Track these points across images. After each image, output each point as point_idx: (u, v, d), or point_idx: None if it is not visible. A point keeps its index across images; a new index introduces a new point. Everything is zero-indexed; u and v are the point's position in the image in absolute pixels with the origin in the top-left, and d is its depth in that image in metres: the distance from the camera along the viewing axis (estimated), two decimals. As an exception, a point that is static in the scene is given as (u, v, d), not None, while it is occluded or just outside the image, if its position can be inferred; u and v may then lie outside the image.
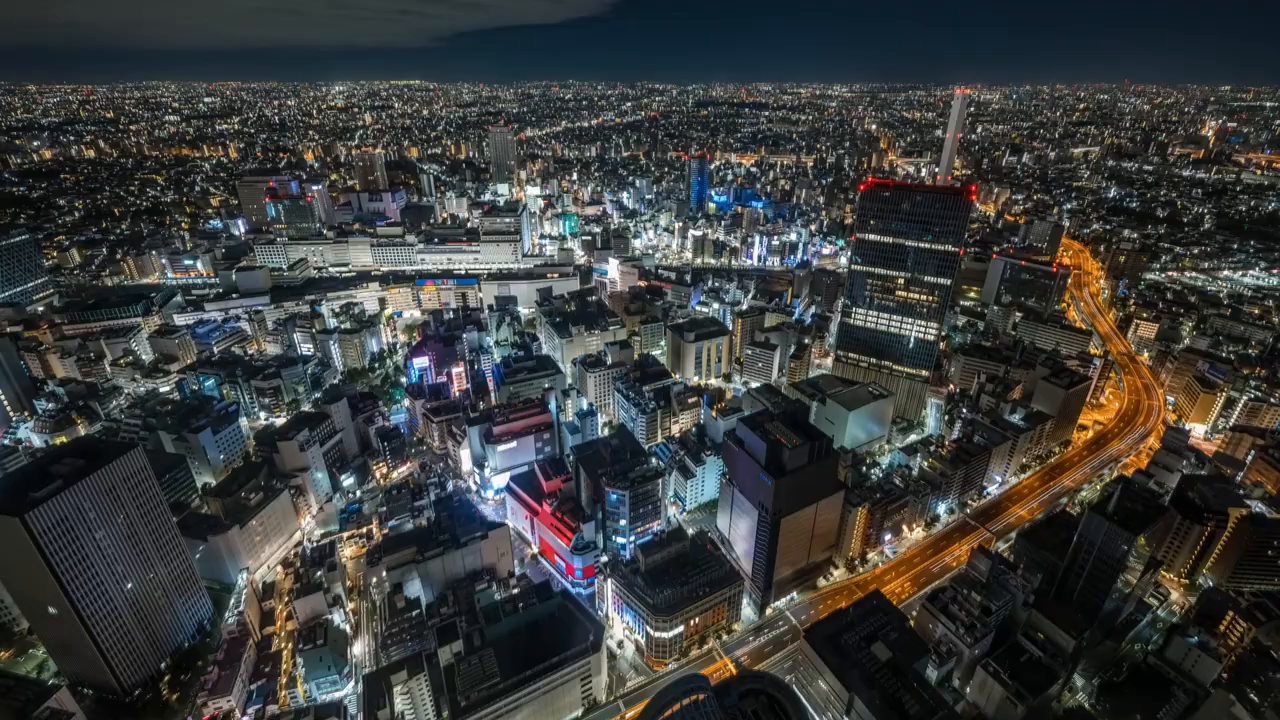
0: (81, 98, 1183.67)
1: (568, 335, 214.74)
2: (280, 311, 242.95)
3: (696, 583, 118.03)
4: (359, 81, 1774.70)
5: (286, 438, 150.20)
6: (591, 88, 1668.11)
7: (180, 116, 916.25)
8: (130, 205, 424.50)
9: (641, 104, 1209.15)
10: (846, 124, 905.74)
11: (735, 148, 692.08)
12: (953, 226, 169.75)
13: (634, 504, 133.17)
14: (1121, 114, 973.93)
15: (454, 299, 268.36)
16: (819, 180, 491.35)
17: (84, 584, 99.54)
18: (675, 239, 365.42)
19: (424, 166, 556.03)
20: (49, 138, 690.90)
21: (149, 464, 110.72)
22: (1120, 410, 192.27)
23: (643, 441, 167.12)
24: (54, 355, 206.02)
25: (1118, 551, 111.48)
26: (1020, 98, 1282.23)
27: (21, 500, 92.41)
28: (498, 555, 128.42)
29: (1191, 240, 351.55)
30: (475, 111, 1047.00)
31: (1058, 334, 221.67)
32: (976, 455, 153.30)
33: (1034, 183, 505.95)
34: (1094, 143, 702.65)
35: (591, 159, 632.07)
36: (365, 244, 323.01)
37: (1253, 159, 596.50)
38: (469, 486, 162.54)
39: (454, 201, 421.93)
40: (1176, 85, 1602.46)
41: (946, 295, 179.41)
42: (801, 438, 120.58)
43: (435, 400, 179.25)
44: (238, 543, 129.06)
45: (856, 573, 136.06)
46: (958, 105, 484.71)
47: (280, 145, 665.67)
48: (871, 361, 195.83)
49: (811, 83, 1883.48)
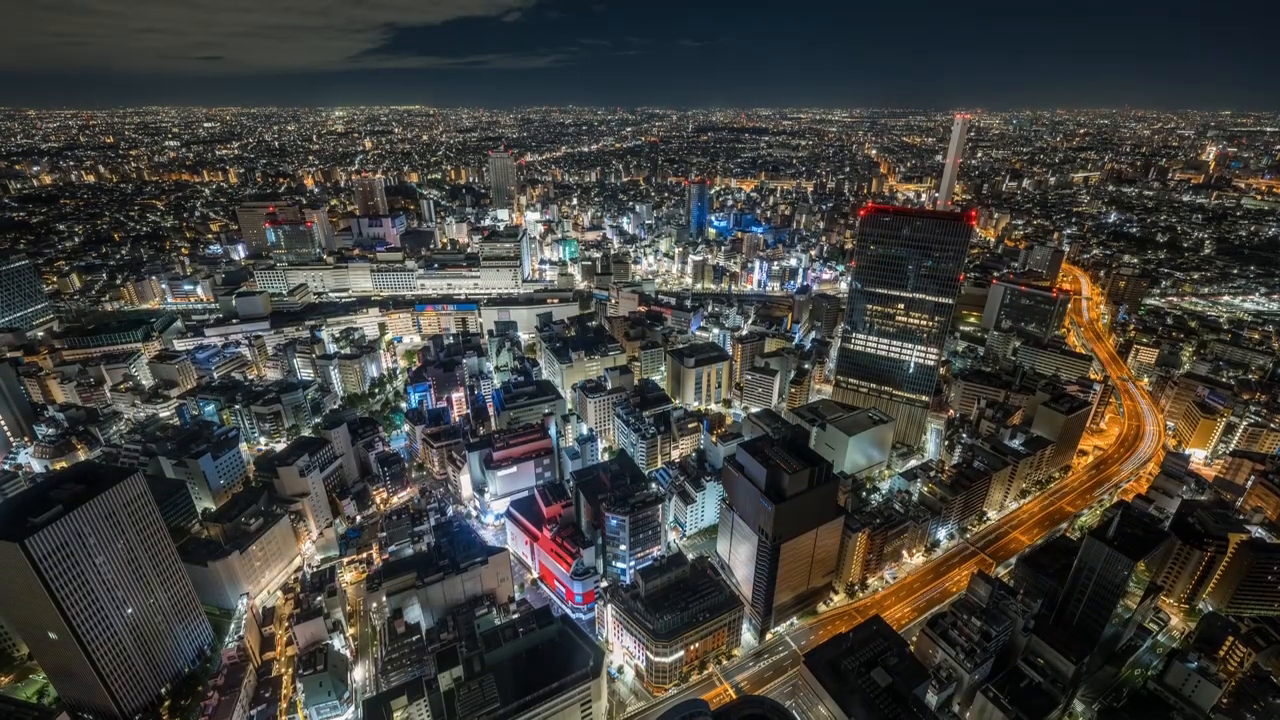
0: (81, 123, 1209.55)
1: (568, 360, 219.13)
2: (280, 337, 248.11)
3: (696, 608, 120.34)
4: (359, 106, 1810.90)
5: (286, 463, 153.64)
6: (591, 113, 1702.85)
7: (180, 142, 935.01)
8: (130, 230, 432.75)
9: (641, 129, 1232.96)
10: (846, 149, 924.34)
11: (735, 173, 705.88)
12: (953, 252, 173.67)
13: (634, 529, 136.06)
14: (1122, 139, 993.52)
15: (454, 324, 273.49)
16: (819, 205, 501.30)
17: (84, 609, 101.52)
18: (675, 264, 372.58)
19: (424, 192, 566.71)
20: (49, 163, 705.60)
21: (149, 489, 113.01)
22: (1120, 435, 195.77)
23: (643, 467, 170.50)
24: (54, 380, 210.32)
25: (1118, 577, 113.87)
26: (1020, 123, 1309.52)
27: (21, 526, 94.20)
28: (498, 580, 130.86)
29: (1191, 265, 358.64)
30: (475, 137, 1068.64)
31: (1058, 359, 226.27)
32: (976, 480, 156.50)
33: (1034, 208, 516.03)
34: (1094, 168, 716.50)
35: (591, 184, 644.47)
36: (365, 269, 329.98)
37: (1253, 184, 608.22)
38: (469, 512, 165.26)
39: (454, 227, 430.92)
40: (1176, 110, 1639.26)
41: (946, 320, 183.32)
42: (801, 463, 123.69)
43: (435, 425, 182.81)
44: (238, 568, 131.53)
45: (856, 598, 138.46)
46: (958, 130, 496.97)
47: (280, 170, 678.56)
48: (871, 387, 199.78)
49: (811, 108, 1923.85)
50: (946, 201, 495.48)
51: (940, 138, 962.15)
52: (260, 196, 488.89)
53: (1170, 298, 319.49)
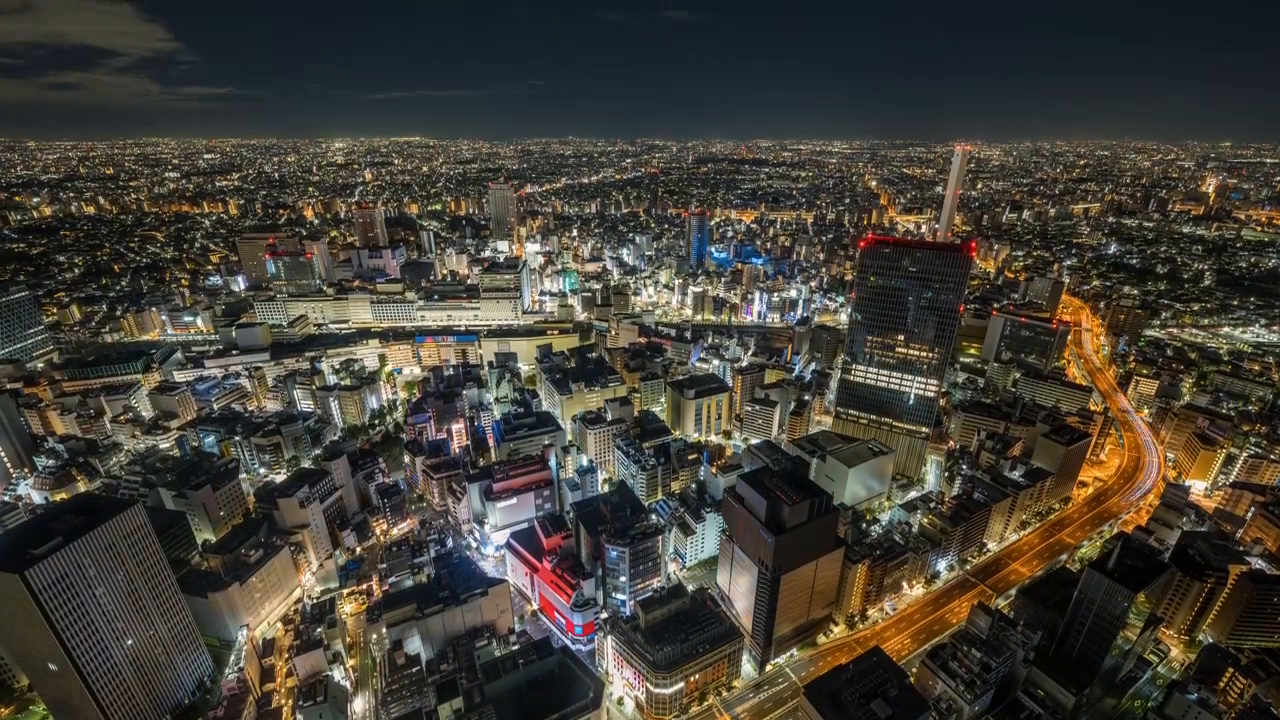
0: (81, 154, 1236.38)
1: (568, 392, 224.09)
2: (280, 368, 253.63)
3: (696, 639, 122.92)
4: (359, 138, 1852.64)
5: (286, 494, 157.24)
6: (592, 144, 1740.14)
7: (180, 173, 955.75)
8: (130, 262, 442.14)
9: (641, 160, 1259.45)
10: (846, 180, 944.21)
11: (735, 204, 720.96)
12: (953, 283, 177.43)
13: (634, 561, 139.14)
14: (1122, 170, 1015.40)
15: (454, 355, 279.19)
16: (819, 237, 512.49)
17: (84, 640, 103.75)
18: (675, 295, 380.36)
19: (424, 223, 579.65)
20: (49, 194, 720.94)
21: (149, 521, 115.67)
22: (1120, 467, 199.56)
23: (643, 498, 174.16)
24: (54, 412, 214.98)
25: (1118, 608, 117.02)
26: (1020, 154, 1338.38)
27: (21, 557, 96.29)
28: (498, 612, 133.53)
29: (1192, 297, 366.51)
30: (475, 168, 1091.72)
31: (1058, 390, 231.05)
32: (976, 512, 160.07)
33: (1034, 239, 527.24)
34: (1094, 199, 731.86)
35: (591, 215, 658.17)
36: (365, 300, 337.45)
37: (1253, 215, 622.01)
38: (469, 543, 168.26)
39: (454, 258, 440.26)
40: (1177, 142, 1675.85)
41: (946, 352, 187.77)
42: (801, 494, 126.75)
43: (435, 457, 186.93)
44: (238, 599, 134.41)
45: (856, 629, 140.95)
46: (958, 161, 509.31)
47: (280, 202, 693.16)
48: (871, 418, 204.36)
49: (811, 139, 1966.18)
50: (946, 233, 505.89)
51: (940, 169, 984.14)
52: (260, 228, 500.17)
53: (1170, 329, 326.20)
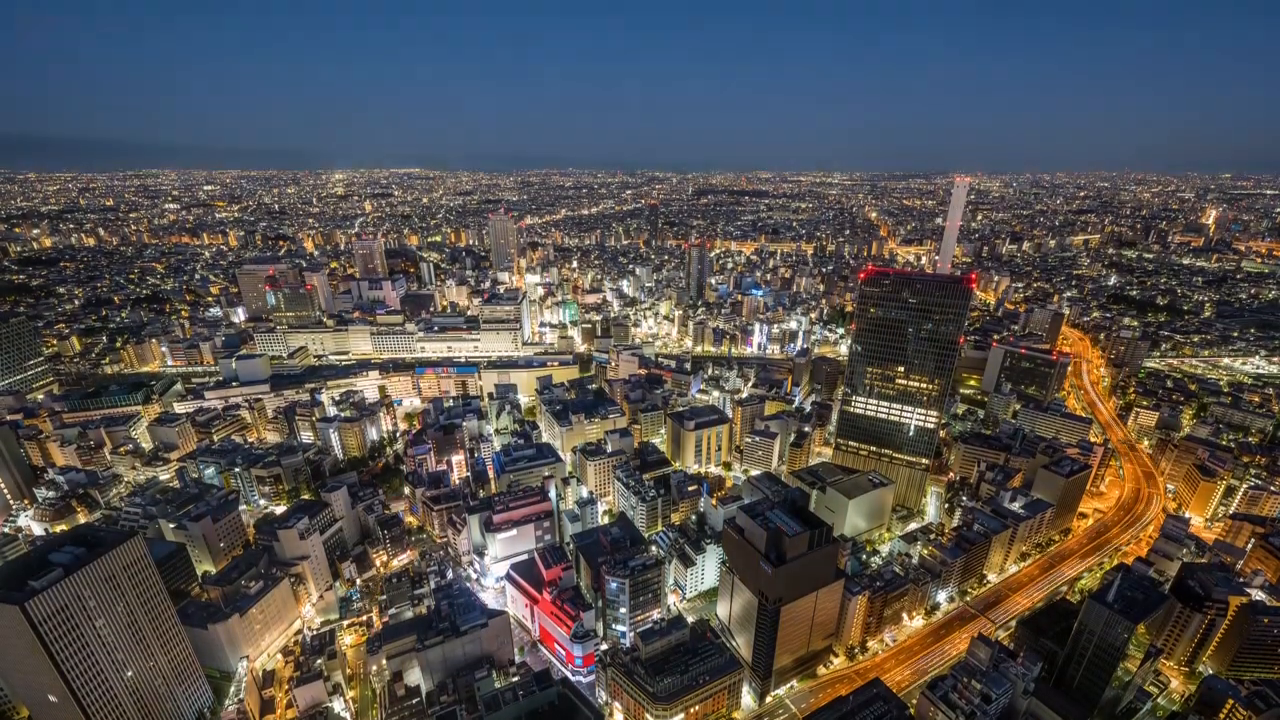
0: (81, 185, 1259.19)
1: (567, 423, 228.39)
2: (280, 399, 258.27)
3: (696, 671, 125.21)
4: (359, 169, 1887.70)
5: (286, 526, 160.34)
6: (592, 175, 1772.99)
7: (180, 204, 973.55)
8: (130, 293, 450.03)
9: (641, 192, 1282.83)
10: (846, 212, 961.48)
11: (735, 236, 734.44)
12: (953, 315, 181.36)
13: (634, 592, 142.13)
14: (1122, 202, 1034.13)
15: (454, 387, 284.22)
16: (819, 268, 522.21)
17: (84, 672, 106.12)
18: (675, 327, 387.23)
19: (424, 254, 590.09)
20: (49, 225, 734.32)
21: (149, 552, 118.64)
22: (1120, 498, 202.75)
23: (643, 530, 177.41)
24: (54, 443, 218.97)
25: (1118, 639, 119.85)
26: (1020, 186, 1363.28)
27: (21, 589, 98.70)
28: (498, 643, 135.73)
29: (1192, 328, 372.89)
30: (475, 199, 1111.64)
31: (1058, 422, 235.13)
32: (976, 544, 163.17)
33: (1034, 270, 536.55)
34: (1094, 231, 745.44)
35: (591, 247, 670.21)
36: (365, 332, 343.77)
37: (1253, 247, 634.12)
38: (469, 574, 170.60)
39: (454, 289, 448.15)
40: (1177, 173, 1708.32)
41: (946, 383, 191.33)
42: (801, 526, 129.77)
43: (435, 488, 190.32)
44: (237, 631, 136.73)
45: (856, 661, 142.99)
46: (958, 193, 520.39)
47: (280, 234, 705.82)
48: (871, 450, 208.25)
49: (811, 171, 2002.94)
50: (947, 265, 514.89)
51: (940, 200, 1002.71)
52: (260, 259, 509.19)
53: (1170, 360, 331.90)
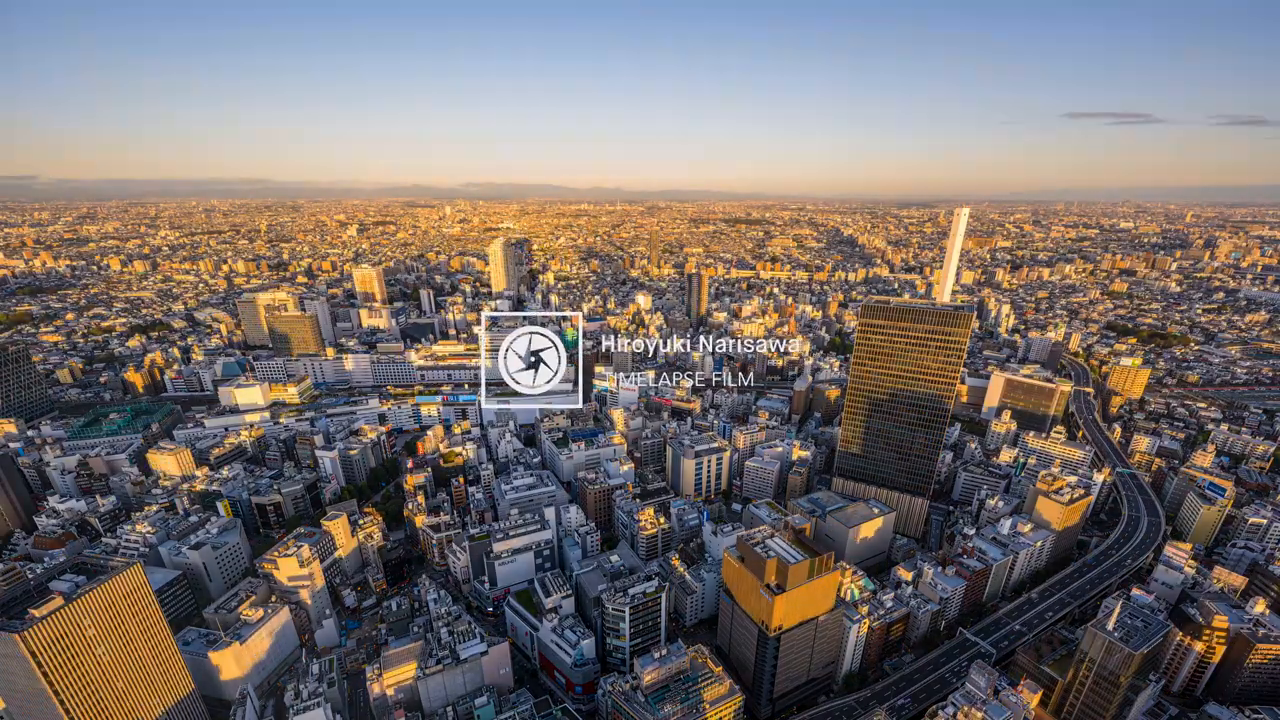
0: (79, 214, 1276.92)
1: (567, 451, 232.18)
2: (280, 427, 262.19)
3: (696, 699, 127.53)
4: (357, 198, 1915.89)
5: (287, 554, 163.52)
6: (593, 202, 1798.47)
7: (180, 231, 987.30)
8: (130, 321, 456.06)
9: (642, 220, 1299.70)
10: (847, 239, 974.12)
11: (735, 262, 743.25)
12: (953, 344, 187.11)
13: (634, 620, 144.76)
14: (1124, 232, 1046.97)
15: (454, 414, 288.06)
16: (819, 296, 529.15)
17: (83, 701, 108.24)
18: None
19: (424, 282, 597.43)
20: (51, 254, 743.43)
21: (148, 580, 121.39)
22: (1120, 525, 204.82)
23: (642, 558, 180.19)
24: (53, 471, 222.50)
25: (1118, 667, 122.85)
26: (1022, 218, 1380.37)
27: (21, 618, 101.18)
28: (498, 671, 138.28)
29: (1194, 356, 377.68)
30: (475, 228, 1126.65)
31: (1058, 449, 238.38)
32: (977, 571, 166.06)
33: (1035, 300, 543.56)
34: (1096, 259, 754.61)
35: (591, 275, 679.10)
36: (365, 359, 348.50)
37: (1256, 274, 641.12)
38: (469, 602, 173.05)
39: (454, 317, 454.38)
40: (1180, 201, 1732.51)
41: (947, 411, 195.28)
42: (802, 554, 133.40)
43: (435, 516, 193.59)
44: (237, 659, 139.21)
45: (857, 689, 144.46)
46: (960, 223, 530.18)
47: (280, 261, 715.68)
48: (872, 477, 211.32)
49: (813, 198, 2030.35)
50: (947, 294, 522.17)
51: (941, 230, 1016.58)
52: (260, 287, 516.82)
53: (1172, 388, 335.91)
